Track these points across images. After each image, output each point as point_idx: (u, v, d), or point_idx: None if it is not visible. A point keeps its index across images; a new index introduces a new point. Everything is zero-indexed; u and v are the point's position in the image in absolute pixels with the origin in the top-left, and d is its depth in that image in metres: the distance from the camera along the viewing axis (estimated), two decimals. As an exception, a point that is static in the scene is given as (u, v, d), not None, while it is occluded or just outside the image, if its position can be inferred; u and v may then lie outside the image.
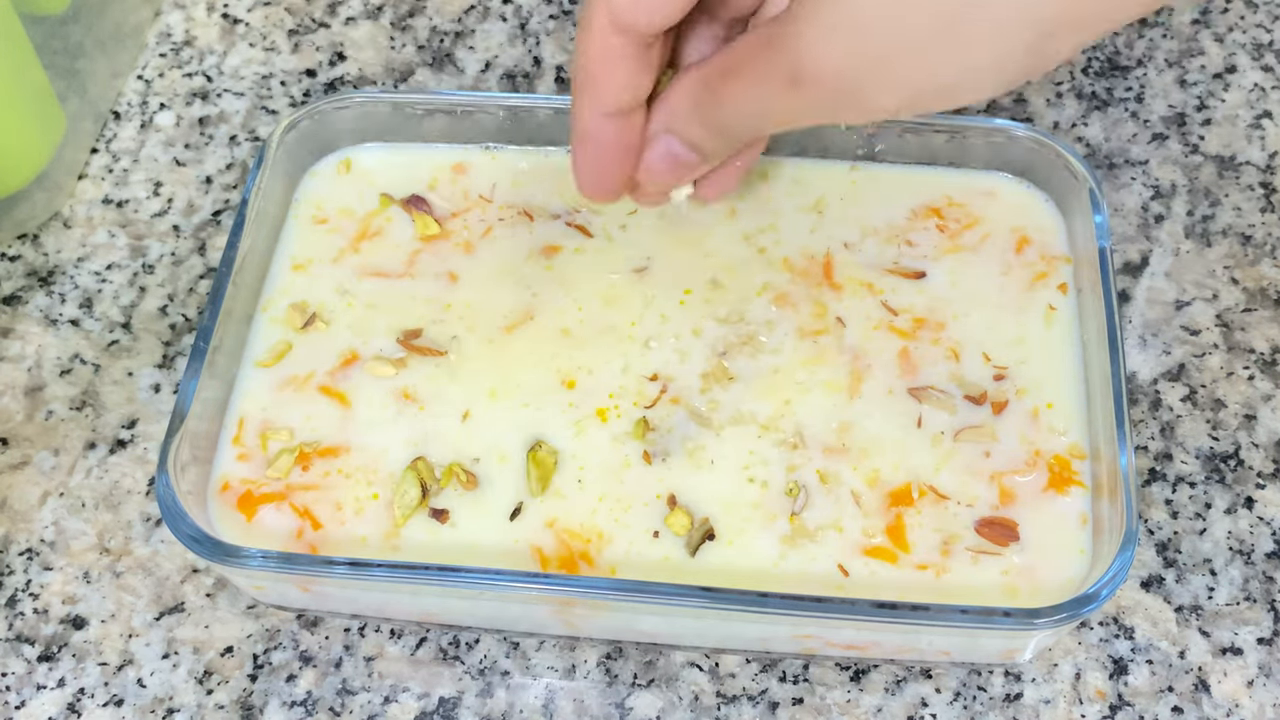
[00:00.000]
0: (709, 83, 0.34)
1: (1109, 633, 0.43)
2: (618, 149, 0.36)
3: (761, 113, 0.33)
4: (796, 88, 0.31)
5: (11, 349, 0.50)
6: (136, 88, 0.57)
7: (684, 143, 0.36)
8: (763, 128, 0.35)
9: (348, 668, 0.43)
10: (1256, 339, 0.49)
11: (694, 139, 0.36)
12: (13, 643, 0.44)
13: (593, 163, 0.37)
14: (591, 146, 0.36)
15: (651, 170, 0.37)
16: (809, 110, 0.32)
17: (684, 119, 0.36)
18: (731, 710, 0.42)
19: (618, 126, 0.36)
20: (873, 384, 0.44)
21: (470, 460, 0.43)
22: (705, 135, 0.36)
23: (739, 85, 0.33)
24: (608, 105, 0.35)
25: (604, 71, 0.34)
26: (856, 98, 0.31)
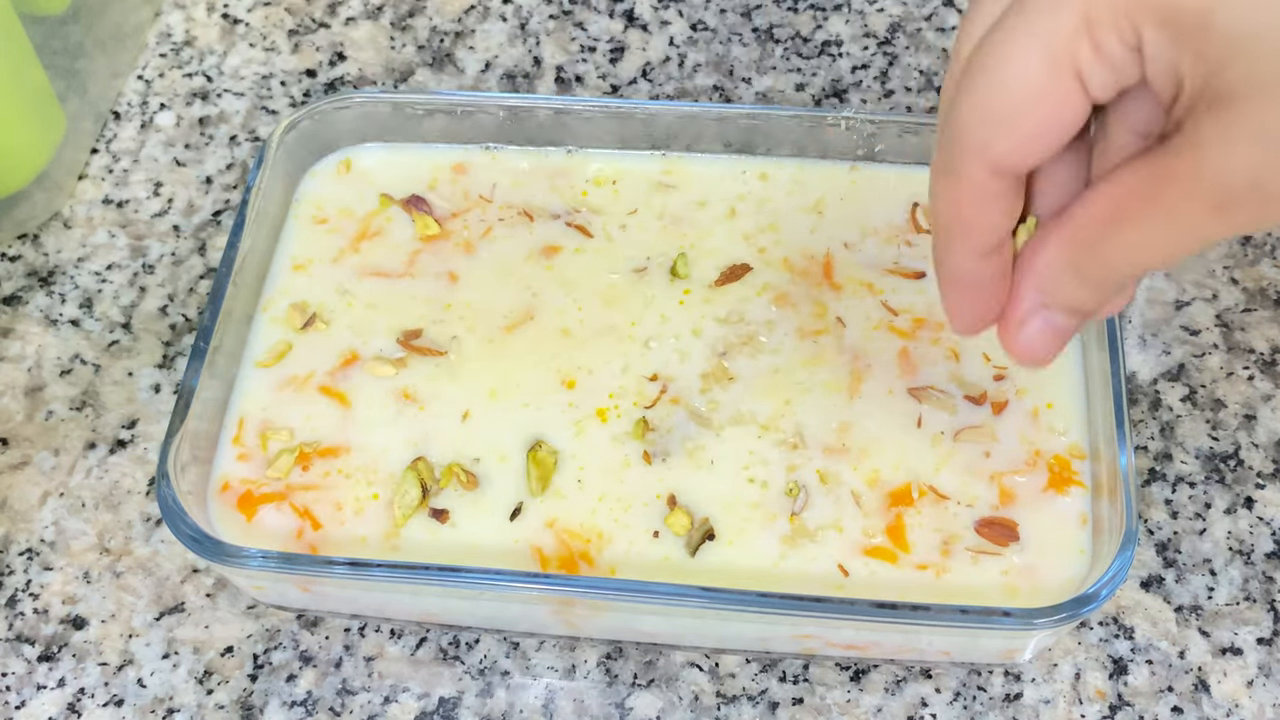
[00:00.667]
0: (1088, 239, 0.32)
1: (1109, 633, 0.43)
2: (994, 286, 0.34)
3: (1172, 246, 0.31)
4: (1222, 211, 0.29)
5: (11, 349, 0.50)
6: (136, 88, 0.57)
7: (1064, 310, 0.34)
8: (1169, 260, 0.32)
9: (348, 668, 0.43)
10: (1256, 339, 0.49)
11: (1076, 302, 0.34)
12: (13, 643, 0.44)
13: (971, 303, 0.35)
14: (968, 288, 0.34)
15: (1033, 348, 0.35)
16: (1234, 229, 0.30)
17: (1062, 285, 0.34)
18: (731, 710, 0.42)
19: (992, 264, 0.34)
20: (873, 384, 0.44)
21: (470, 460, 0.43)
22: (1088, 294, 0.34)
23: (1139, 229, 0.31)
24: (984, 247, 0.33)
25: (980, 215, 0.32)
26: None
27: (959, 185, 0.32)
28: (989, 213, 0.32)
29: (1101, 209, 0.32)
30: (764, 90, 0.56)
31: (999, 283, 0.34)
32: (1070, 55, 0.29)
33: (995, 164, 0.31)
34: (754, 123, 0.48)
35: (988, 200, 0.32)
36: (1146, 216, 0.31)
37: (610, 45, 0.58)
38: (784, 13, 0.59)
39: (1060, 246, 0.33)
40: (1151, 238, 0.31)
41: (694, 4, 0.59)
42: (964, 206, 0.32)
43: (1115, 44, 0.29)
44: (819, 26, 0.58)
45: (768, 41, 0.58)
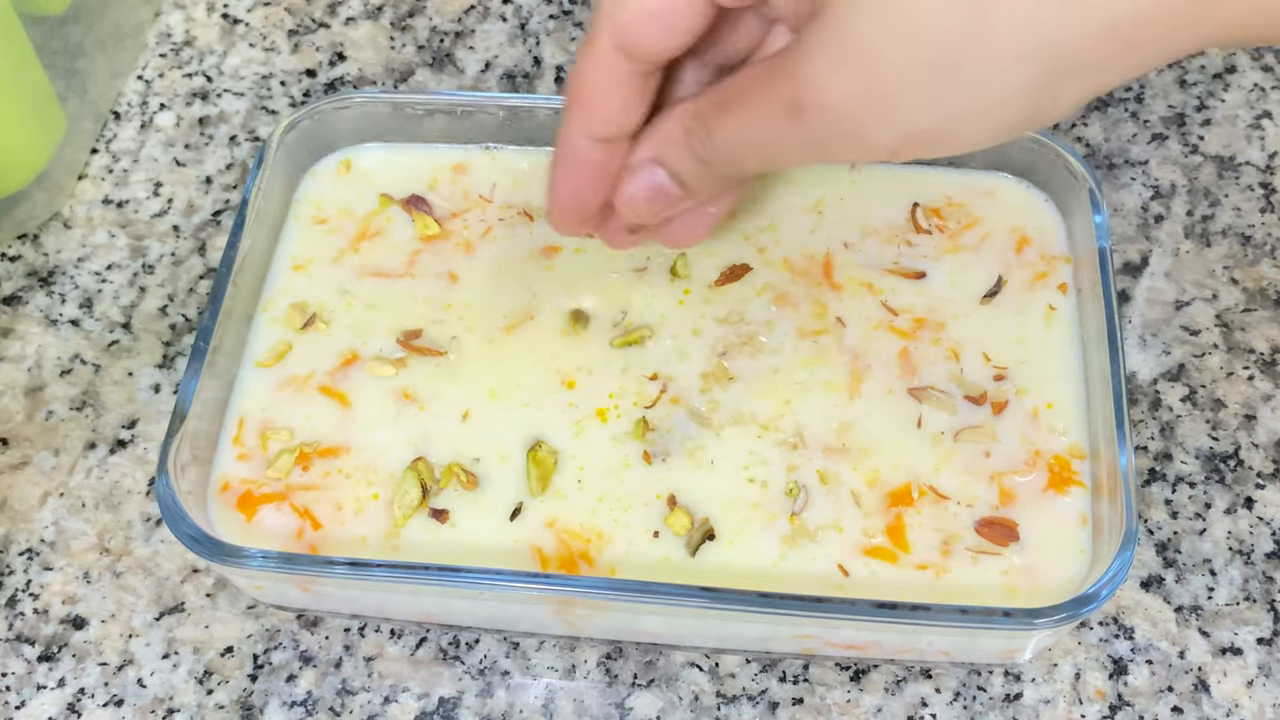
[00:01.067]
0: (703, 114, 0.34)
1: (1109, 633, 0.43)
2: (599, 175, 0.36)
3: (756, 144, 0.32)
4: (796, 118, 0.30)
5: (11, 349, 0.50)
6: (136, 88, 0.57)
7: (670, 174, 0.35)
8: (754, 162, 0.34)
9: (348, 668, 0.43)
10: (1256, 339, 0.49)
11: (681, 171, 0.35)
12: (13, 643, 0.44)
13: (571, 186, 0.36)
14: (573, 169, 0.36)
15: (633, 200, 0.36)
16: (804, 144, 0.31)
17: (674, 149, 0.35)
18: (731, 710, 0.42)
19: (603, 152, 0.35)
20: (873, 384, 0.44)
21: (470, 460, 0.43)
22: (693, 168, 0.35)
23: (736, 115, 0.32)
24: (597, 130, 0.35)
25: (600, 94, 0.34)
26: (855, 132, 0.30)
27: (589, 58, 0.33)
28: (610, 95, 0.33)
29: (718, 91, 0.33)
30: (764, 90, 0.56)
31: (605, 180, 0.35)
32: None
33: (620, 33, 0.32)
34: (754, 123, 0.48)
35: (611, 81, 0.33)
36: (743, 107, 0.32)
37: (610, 45, 0.58)
38: (784, 13, 0.59)
39: (680, 114, 0.34)
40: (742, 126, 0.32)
41: (694, 4, 0.59)
42: (588, 82, 0.33)
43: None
44: (819, 26, 0.58)
45: (768, 41, 0.58)
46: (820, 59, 0.29)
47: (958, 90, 0.29)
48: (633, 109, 0.34)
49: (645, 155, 0.36)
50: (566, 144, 0.35)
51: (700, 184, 0.35)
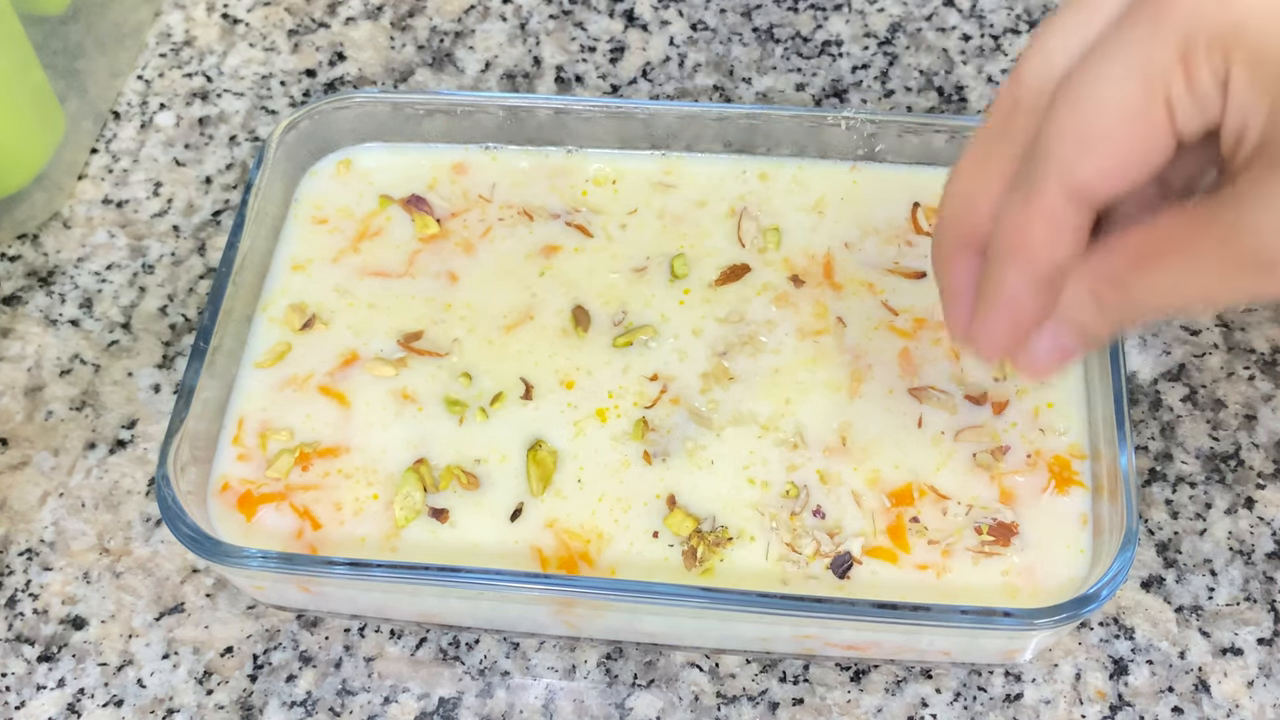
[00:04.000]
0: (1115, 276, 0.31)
1: (1109, 633, 0.43)
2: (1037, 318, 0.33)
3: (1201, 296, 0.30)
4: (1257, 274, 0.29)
5: (11, 349, 0.50)
6: (136, 88, 0.57)
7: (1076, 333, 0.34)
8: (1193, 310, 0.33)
9: (348, 668, 0.43)
10: (1256, 339, 0.49)
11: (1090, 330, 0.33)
12: (13, 643, 0.44)
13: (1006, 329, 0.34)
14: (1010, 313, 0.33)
15: (1036, 362, 0.35)
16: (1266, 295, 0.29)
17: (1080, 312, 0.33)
18: (731, 710, 0.42)
19: (1045, 296, 0.33)
20: (873, 384, 0.44)
21: (470, 461, 0.43)
22: (1104, 325, 0.33)
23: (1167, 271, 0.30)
24: (1043, 275, 0.32)
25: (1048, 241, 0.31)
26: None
27: (1033, 206, 0.31)
28: (1057, 240, 0.31)
29: (1136, 246, 0.31)
30: (764, 90, 0.56)
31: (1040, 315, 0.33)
32: (1164, 82, 0.28)
33: (1076, 188, 0.30)
34: (754, 123, 0.48)
35: (1058, 226, 0.31)
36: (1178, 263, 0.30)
37: (610, 45, 0.58)
38: (784, 12, 0.59)
39: (1087, 276, 0.32)
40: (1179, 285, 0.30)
41: (694, 4, 0.59)
42: (1034, 230, 0.31)
43: (1207, 77, 0.28)
44: (819, 26, 0.58)
45: (768, 41, 0.58)
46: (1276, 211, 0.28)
47: None
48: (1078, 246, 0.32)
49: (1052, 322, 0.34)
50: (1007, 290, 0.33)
51: (1109, 334, 0.34)
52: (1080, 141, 0.29)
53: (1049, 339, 0.34)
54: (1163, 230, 0.30)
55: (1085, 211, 0.31)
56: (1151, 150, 0.29)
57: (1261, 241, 0.28)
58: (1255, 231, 0.28)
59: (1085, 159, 0.29)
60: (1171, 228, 0.30)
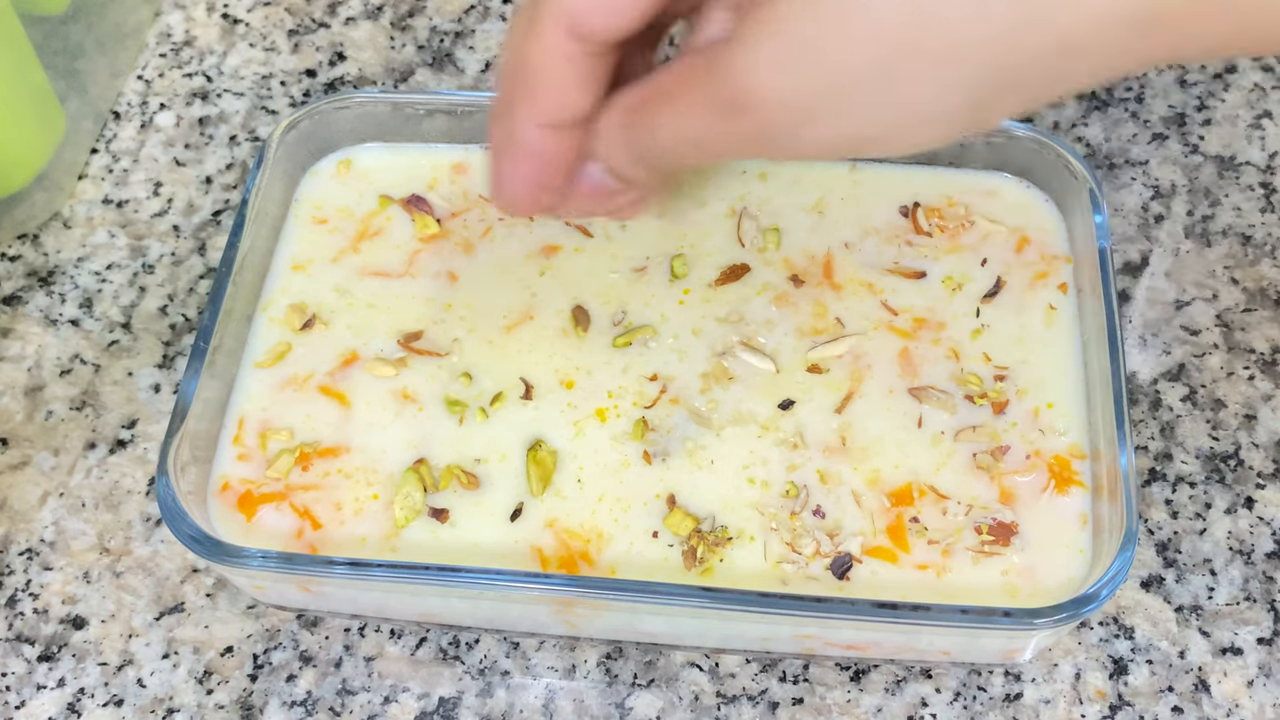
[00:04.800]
0: (638, 109, 0.33)
1: (1109, 633, 0.43)
2: (553, 163, 0.34)
3: (692, 140, 0.32)
4: (732, 115, 0.30)
5: (11, 349, 0.50)
6: (136, 88, 0.57)
7: (610, 171, 0.35)
8: (691, 156, 0.33)
9: (348, 668, 0.43)
10: (1256, 339, 0.49)
11: (620, 167, 0.35)
12: (13, 643, 0.44)
13: (522, 175, 0.35)
14: (524, 158, 0.34)
15: (578, 193, 0.36)
16: (741, 140, 0.31)
17: (611, 147, 0.34)
18: (731, 710, 0.42)
19: (556, 139, 0.34)
20: (873, 384, 0.44)
21: (470, 460, 0.43)
22: (631, 164, 0.34)
23: (672, 111, 0.31)
24: (551, 116, 0.33)
25: (551, 79, 0.32)
26: (791, 131, 0.29)
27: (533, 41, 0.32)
28: (563, 80, 0.32)
29: (652, 85, 0.32)
30: (764, 90, 0.56)
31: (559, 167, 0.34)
32: None
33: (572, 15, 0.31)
34: (754, 123, 0.48)
35: (558, 61, 0.32)
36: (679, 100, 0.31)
37: (610, 45, 0.58)
38: (784, 13, 0.59)
39: (616, 110, 0.33)
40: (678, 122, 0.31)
41: (694, 4, 0.59)
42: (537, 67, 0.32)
43: None
44: (819, 26, 0.58)
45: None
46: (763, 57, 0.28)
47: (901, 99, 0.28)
48: (585, 93, 0.33)
49: None
50: (515, 132, 0.34)
51: (641, 177, 0.35)
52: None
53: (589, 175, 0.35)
54: (673, 70, 0.31)
55: (587, 47, 0.31)
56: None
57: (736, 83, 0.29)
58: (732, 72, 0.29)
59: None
60: (679, 68, 0.31)
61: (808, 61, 0.28)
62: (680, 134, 0.32)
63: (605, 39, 0.32)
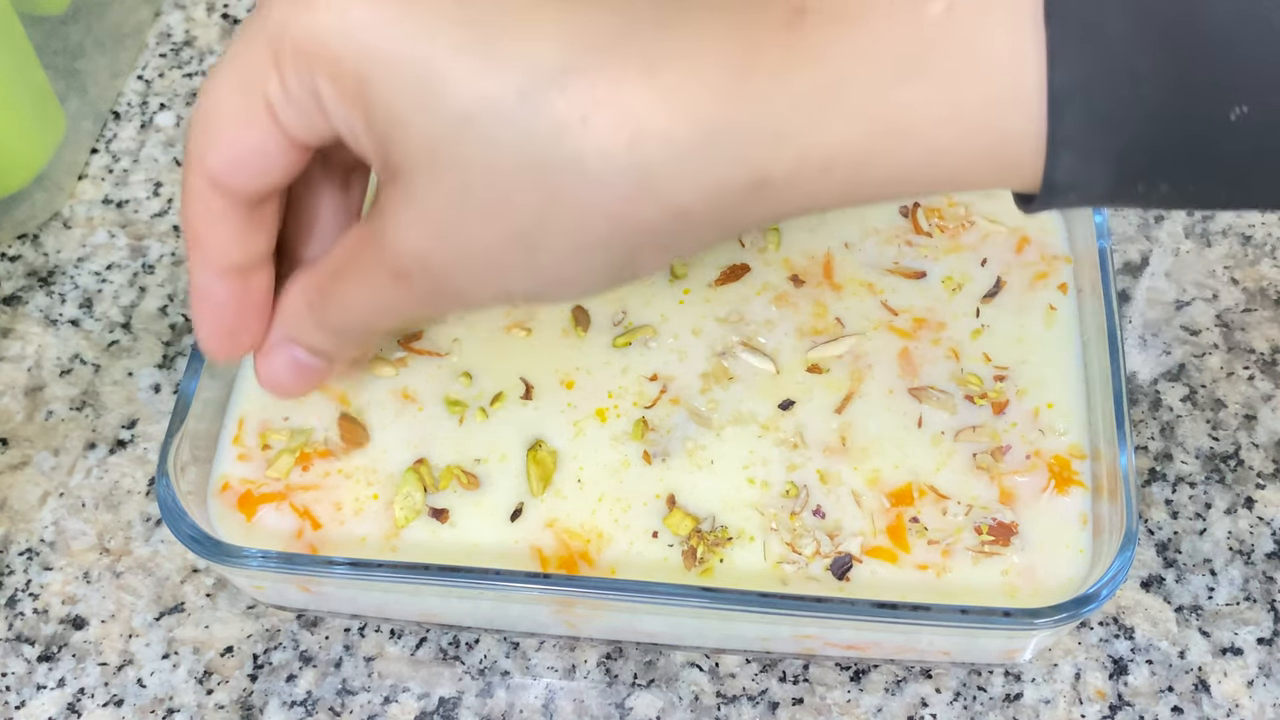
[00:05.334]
0: (320, 287, 0.33)
1: (1109, 633, 0.43)
2: (235, 309, 0.35)
3: (374, 308, 0.32)
4: (402, 281, 0.30)
5: (11, 349, 0.50)
6: (136, 88, 0.57)
7: (306, 349, 0.35)
8: (379, 323, 0.33)
9: (348, 668, 0.43)
10: (1256, 339, 0.49)
11: (315, 344, 0.35)
12: (13, 643, 0.44)
13: (210, 321, 0.35)
14: (209, 306, 0.34)
15: (277, 379, 0.36)
16: (416, 303, 0.31)
17: (301, 326, 0.35)
18: (731, 710, 0.42)
19: (232, 286, 0.34)
20: (873, 384, 0.44)
21: (470, 460, 0.43)
22: (323, 337, 0.35)
23: (348, 284, 0.32)
24: (217, 263, 0.33)
25: (209, 230, 0.33)
26: (456, 292, 0.30)
27: (187, 194, 0.32)
28: (214, 229, 0.33)
29: (329, 261, 0.33)
30: (764, 90, 0.56)
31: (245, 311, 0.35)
32: (260, 84, 0.30)
33: (210, 176, 0.32)
34: (754, 123, 0.48)
35: (211, 215, 0.32)
36: (353, 275, 0.32)
37: (610, 45, 0.58)
38: (784, 13, 0.59)
39: (301, 290, 0.34)
40: (358, 296, 0.32)
41: (694, 4, 0.59)
42: (190, 216, 0.33)
43: (295, 86, 0.29)
44: (819, 26, 0.58)
45: (768, 41, 0.58)
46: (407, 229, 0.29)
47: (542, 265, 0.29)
48: (251, 237, 0.33)
49: (277, 336, 0.35)
50: (194, 282, 0.34)
51: (338, 349, 0.35)
52: (205, 134, 0.31)
53: (283, 354, 0.35)
54: (345, 243, 0.32)
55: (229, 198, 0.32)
56: (264, 145, 0.31)
57: (397, 250, 0.30)
58: (391, 241, 0.30)
59: (209, 150, 0.31)
60: (350, 241, 0.32)
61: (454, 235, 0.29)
62: (359, 304, 0.32)
63: (249, 196, 0.32)
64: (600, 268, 0.29)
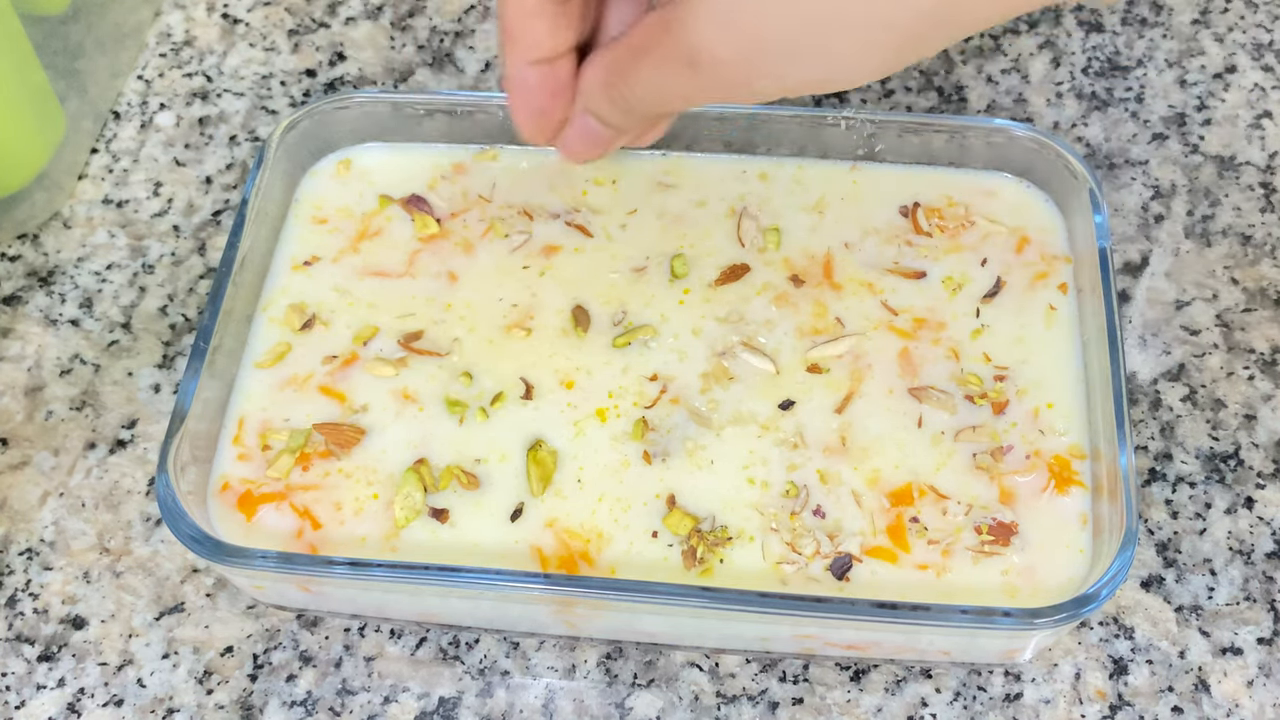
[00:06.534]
0: (617, 63, 0.36)
1: (1109, 633, 0.43)
2: (544, 94, 0.38)
3: (664, 91, 0.35)
4: (693, 70, 0.33)
5: (11, 349, 0.50)
6: (136, 88, 0.57)
7: (598, 120, 0.38)
8: (666, 106, 0.36)
9: (348, 668, 0.43)
10: (1256, 339, 0.49)
11: (605, 116, 0.38)
12: (13, 643, 0.44)
13: (525, 108, 0.39)
14: (521, 93, 0.38)
15: (568, 144, 0.40)
16: (704, 91, 0.34)
17: (596, 100, 0.38)
18: (731, 710, 0.42)
19: (542, 74, 0.37)
20: (873, 384, 0.44)
21: (470, 460, 0.43)
22: (615, 113, 0.37)
23: (643, 66, 0.35)
24: (530, 55, 0.37)
25: (521, 26, 0.36)
26: (744, 82, 0.33)
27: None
28: (531, 26, 0.36)
29: (628, 40, 0.35)
30: (764, 90, 0.56)
31: (553, 96, 0.38)
32: None
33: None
34: (754, 123, 0.48)
35: (525, 12, 0.36)
36: (647, 59, 0.34)
37: (610, 45, 0.58)
38: (784, 13, 0.59)
39: (598, 67, 0.37)
40: (651, 79, 0.35)
41: (694, 4, 0.59)
42: (507, 14, 0.36)
43: None
44: (819, 26, 0.58)
45: (768, 41, 0.58)
46: (707, 18, 0.32)
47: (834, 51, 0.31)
48: (560, 31, 0.37)
49: (578, 108, 0.39)
50: (508, 71, 0.38)
51: (625, 125, 0.38)
52: None
53: (577, 125, 0.39)
54: (642, 28, 0.35)
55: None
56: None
57: (689, 41, 0.32)
58: (684, 31, 0.32)
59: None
60: (645, 27, 0.34)
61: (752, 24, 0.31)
62: (651, 86, 0.35)
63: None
64: (889, 48, 0.31)
